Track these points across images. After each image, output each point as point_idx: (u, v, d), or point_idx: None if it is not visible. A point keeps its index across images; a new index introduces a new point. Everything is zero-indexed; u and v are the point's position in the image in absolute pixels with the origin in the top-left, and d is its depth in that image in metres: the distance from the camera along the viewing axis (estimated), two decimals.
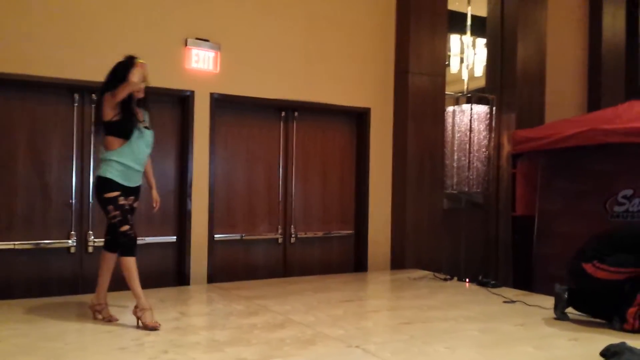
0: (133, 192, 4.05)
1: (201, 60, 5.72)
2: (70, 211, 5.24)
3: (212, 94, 5.77)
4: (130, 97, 3.93)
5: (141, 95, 4.05)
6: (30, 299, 4.73)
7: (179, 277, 5.67)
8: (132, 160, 3.96)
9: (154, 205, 4.40)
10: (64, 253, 5.23)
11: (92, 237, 5.29)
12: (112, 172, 3.92)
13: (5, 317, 4.14)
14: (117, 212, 3.90)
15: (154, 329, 3.80)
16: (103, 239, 4.10)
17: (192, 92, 5.68)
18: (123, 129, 3.92)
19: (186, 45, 5.63)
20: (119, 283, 4.18)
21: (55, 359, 3.24)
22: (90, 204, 5.30)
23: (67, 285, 5.17)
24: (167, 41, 5.58)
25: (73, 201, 5.25)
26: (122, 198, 3.92)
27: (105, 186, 3.91)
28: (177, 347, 3.47)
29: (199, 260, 5.67)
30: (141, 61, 3.94)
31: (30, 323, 4.00)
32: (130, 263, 3.93)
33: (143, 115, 4.12)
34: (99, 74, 5.13)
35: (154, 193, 4.39)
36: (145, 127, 4.06)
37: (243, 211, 6.13)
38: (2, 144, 5.03)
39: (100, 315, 4.06)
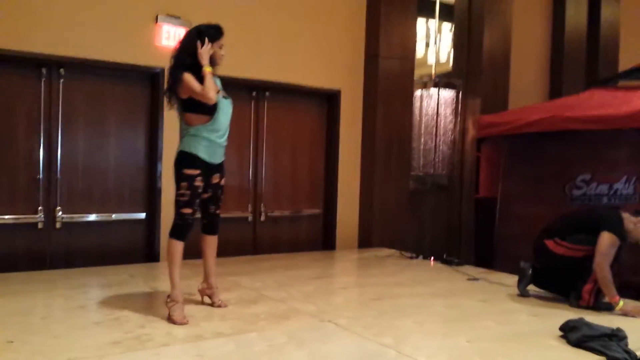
0: (217, 169, 3.80)
1: (172, 37, 5.65)
2: (38, 186, 5.16)
3: None
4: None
5: (220, 63, 3.80)
6: None
7: (149, 253, 5.67)
8: (217, 135, 3.69)
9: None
10: (32, 229, 5.15)
11: (61, 213, 5.23)
12: (198, 148, 3.64)
13: None
14: (188, 192, 3.62)
15: (180, 324, 3.46)
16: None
17: (162, 69, 5.60)
18: (206, 107, 3.61)
19: (157, 21, 5.56)
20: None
21: (28, 333, 3.23)
22: (59, 180, 5.23)
23: (35, 261, 5.10)
24: (138, 17, 5.50)
25: (41, 176, 5.17)
26: (199, 179, 3.64)
27: (188, 161, 3.63)
28: (152, 322, 3.51)
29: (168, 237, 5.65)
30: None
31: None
32: (176, 246, 3.67)
33: (218, 84, 3.82)
34: (66, 48, 5.11)
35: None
36: (224, 97, 3.77)
37: None
38: None
39: (210, 299, 3.91)
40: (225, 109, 3.75)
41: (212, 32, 3.72)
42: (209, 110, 3.64)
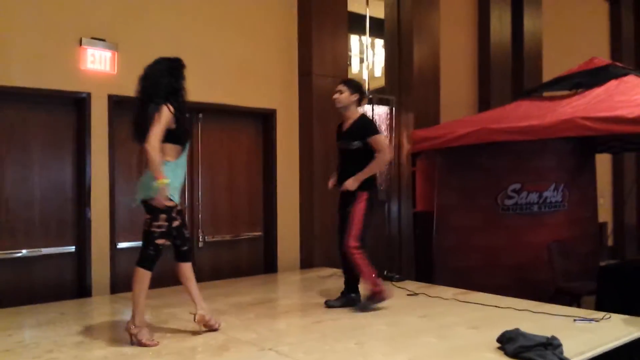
0: None
1: (97, 61, 5.46)
2: None
3: (110, 96, 5.54)
4: (183, 102, 3.90)
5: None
6: None
7: (80, 288, 5.40)
8: (184, 167, 3.93)
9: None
10: None
11: None
12: (177, 179, 3.78)
13: None
14: (165, 224, 3.73)
15: (152, 346, 3.64)
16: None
17: (89, 93, 5.42)
18: (182, 136, 3.82)
19: (81, 44, 5.37)
20: None
21: None
22: None
23: None
24: (60, 40, 5.29)
25: None
26: (175, 211, 3.77)
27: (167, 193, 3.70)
28: None
29: (100, 270, 5.43)
30: None
31: None
32: (146, 276, 3.75)
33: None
34: None
35: None
36: None
37: None
38: None
39: (209, 324, 3.98)
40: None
41: (180, 68, 4.05)
42: (185, 140, 3.85)
